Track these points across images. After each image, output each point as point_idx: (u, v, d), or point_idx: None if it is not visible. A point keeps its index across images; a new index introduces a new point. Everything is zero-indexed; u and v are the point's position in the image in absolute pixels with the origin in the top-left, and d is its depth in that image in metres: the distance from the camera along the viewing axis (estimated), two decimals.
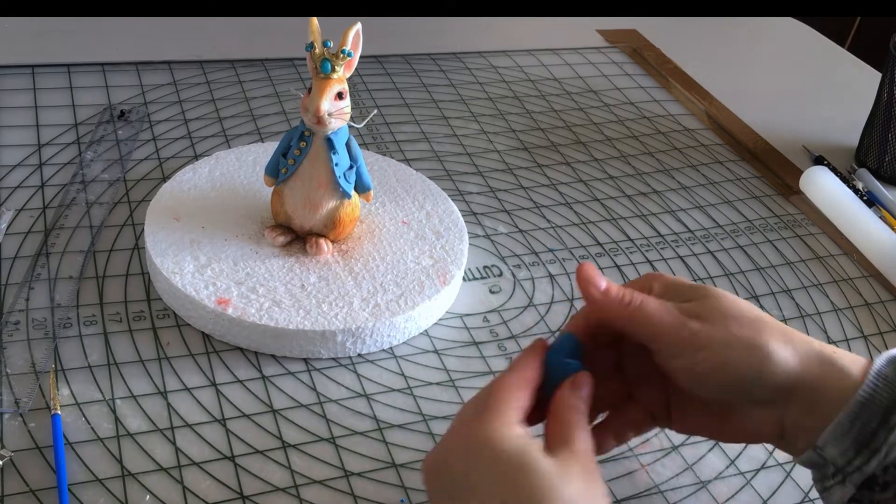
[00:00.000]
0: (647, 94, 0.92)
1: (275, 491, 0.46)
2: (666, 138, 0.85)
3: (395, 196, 0.65)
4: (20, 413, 0.48)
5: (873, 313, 0.67)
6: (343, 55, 0.53)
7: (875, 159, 0.84)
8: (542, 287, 0.64)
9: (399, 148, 0.76)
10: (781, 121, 0.91)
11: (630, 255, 0.68)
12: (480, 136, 0.80)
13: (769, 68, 1.04)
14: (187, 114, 0.75)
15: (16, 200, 0.63)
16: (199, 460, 0.47)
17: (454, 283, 0.59)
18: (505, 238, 0.68)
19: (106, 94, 0.76)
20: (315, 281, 0.56)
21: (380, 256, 0.59)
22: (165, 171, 0.68)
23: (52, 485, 0.45)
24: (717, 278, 0.67)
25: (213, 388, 0.52)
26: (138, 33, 0.86)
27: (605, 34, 1.03)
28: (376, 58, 0.89)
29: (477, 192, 0.72)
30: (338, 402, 0.52)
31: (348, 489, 0.47)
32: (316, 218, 0.57)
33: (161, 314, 0.56)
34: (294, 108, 0.78)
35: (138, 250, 0.60)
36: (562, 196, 0.74)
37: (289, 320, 0.53)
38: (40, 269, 0.57)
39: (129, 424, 0.48)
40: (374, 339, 0.55)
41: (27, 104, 0.73)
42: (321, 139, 0.55)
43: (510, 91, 0.88)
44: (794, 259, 0.71)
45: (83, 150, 0.69)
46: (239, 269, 0.56)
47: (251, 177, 0.64)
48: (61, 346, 0.52)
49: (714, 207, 0.76)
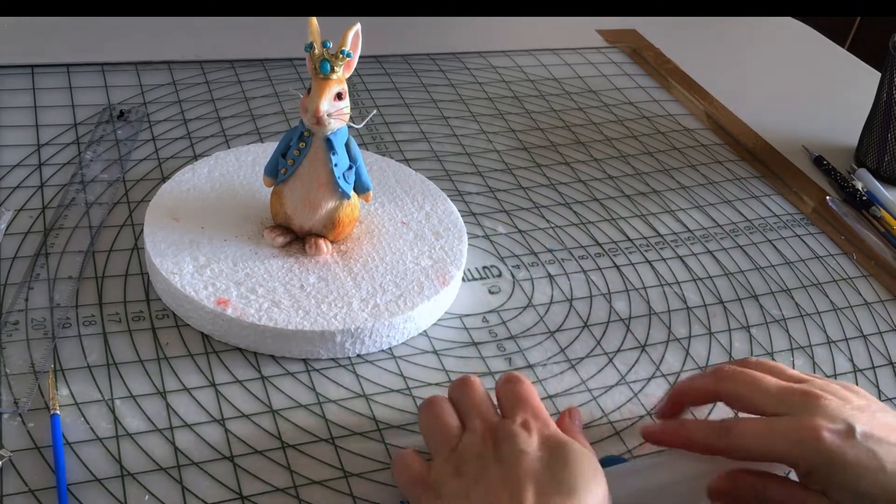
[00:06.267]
0: (646, 94, 0.92)
1: (274, 491, 0.46)
2: (665, 138, 0.85)
3: (395, 196, 0.65)
4: (19, 413, 0.48)
5: (873, 313, 0.67)
6: (342, 56, 0.53)
7: (874, 159, 0.84)
8: (541, 287, 0.64)
9: (398, 148, 0.76)
10: (781, 121, 0.91)
11: (629, 256, 0.68)
12: (480, 136, 0.80)
13: (769, 68, 1.04)
14: (187, 114, 0.75)
15: (15, 200, 0.63)
16: (198, 460, 0.47)
17: (453, 284, 0.59)
18: (504, 238, 0.68)
19: (105, 94, 0.76)
20: (314, 281, 0.56)
21: (379, 257, 0.59)
22: (165, 172, 0.68)
23: (51, 485, 0.45)
24: (716, 278, 0.67)
25: (212, 388, 0.52)
26: (137, 33, 0.86)
27: (605, 34, 1.03)
28: (376, 58, 0.89)
29: (476, 192, 0.72)
30: (337, 402, 0.52)
31: (347, 490, 0.47)
32: (315, 218, 0.57)
33: (160, 314, 0.56)
34: (293, 108, 0.78)
35: (137, 251, 0.60)
36: (561, 196, 0.74)
37: (288, 321, 0.53)
38: (39, 269, 0.57)
39: (128, 424, 0.48)
40: (373, 339, 0.55)
41: (27, 104, 0.73)
42: (320, 140, 0.55)
43: (510, 91, 0.88)
44: (794, 259, 0.71)
45: (82, 151, 0.69)
46: (238, 269, 0.56)
47: (250, 177, 0.64)
48: (60, 347, 0.52)
49: (714, 207, 0.76)
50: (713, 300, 0.65)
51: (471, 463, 0.43)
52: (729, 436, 0.45)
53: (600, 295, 0.64)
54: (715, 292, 0.66)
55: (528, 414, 0.46)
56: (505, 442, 0.44)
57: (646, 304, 0.64)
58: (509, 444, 0.43)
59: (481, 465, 0.43)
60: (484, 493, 0.41)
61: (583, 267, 0.66)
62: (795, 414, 0.45)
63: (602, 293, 0.64)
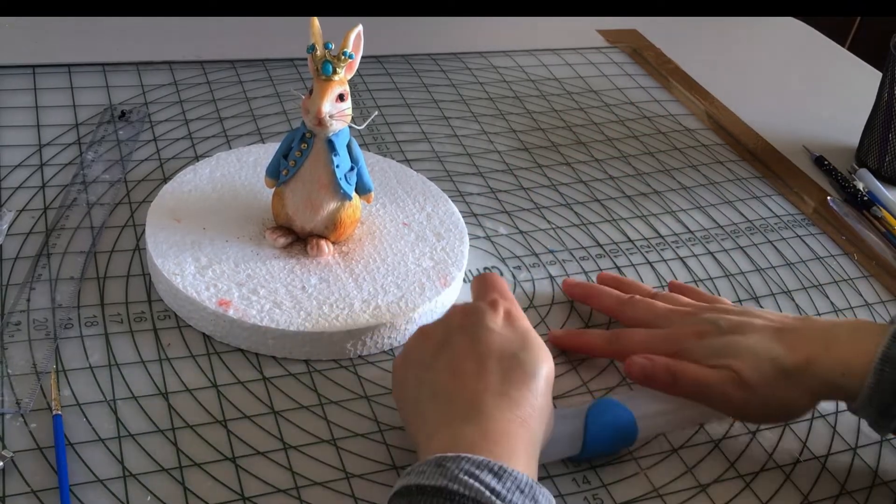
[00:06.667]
0: (647, 94, 0.92)
1: (276, 492, 0.46)
2: (666, 138, 0.85)
3: (396, 197, 0.65)
4: (21, 413, 0.48)
5: (873, 313, 0.67)
6: (344, 57, 0.53)
7: (875, 159, 0.84)
8: (542, 288, 0.64)
9: (399, 148, 0.76)
10: (781, 121, 0.91)
11: (630, 256, 0.68)
12: (481, 136, 0.80)
13: (769, 68, 1.04)
14: (188, 114, 0.76)
15: (17, 201, 0.63)
16: (200, 461, 0.47)
17: (455, 285, 0.59)
18: (505, 239, 0.68)
19: (107, 94, 0.76)
20: (316, 282, 0.56)
21: (380, 258, 0.59)
22: (166, 172, 0.68)
23: (53, 485, 0.45)
24: (717, 279, 0.67)
25: (213, 389, 0.52)
26: (139, 33, 0.86)
27: (606, 34, 1.03)
28: (377, 58, 0.89)
29: (477, 192, 0.72)
30: (338, 403, 0.52)
31: (349, 491, 0.47)
32: (317, 219, 0.57)
33: (162, 315, 0.56)
34: (295, 108, 0.78)
35: (139, 251, 0.60)
36: (562, 197, 0.74)
37: (290, 322, 0.53)
38: (41, 269, 0.57)
39: (130, 425, 0.49)
40: (374, 340, 0.55)
41: (28, 104, 0.73)
42: (322, 141, 0.55)
43: (510, 91, 0.88)
44: (794, 259, 0.71)
45: (84, 151, 0.69)
46: (240, 270, 0.56)
47: (252, 178, 0.64)
48: (62, 347, 0.52)
49: (714, 207, 0.76)
50: None
51: (437, 331, 0.48)
52: (619, 341, 0.55)
53: None
54: (716, 293, 0.66)
55: (497, 294, 0.51)
56: (472, 315, 0.48)
57: None
58: (476, 317, 0.48)
59: (446, 333, 0.47)
60: (448, 359, 0.46)
61: (584, 268, 0.66)
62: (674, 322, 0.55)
63: None
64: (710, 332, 0.53)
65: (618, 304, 0.59)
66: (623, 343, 0.55)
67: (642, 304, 0.57)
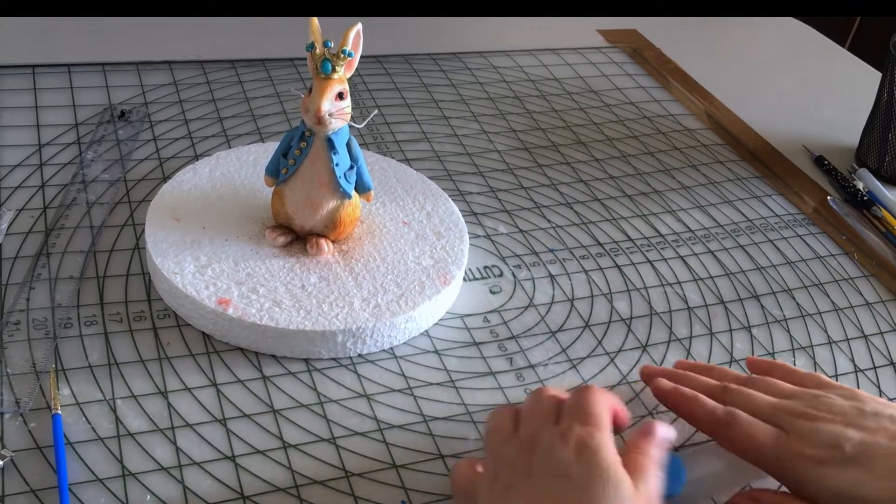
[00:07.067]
0: (647, 94, 0.92)
1: (275, 491, 0.46)
2: (666, 138, 0.85)
3: (396, 196, 0.65)
4: (20, 413, 0.48)
5: (874, 313, 0.67)
6: (344, 55, 0.53)
7: (875, 159, 0.84)
8: (542, 287, 0.64)
9: (399, 148, 0.76)
10: (781, 121, 0.91)
11: (630, 255, 0.68)
12: (481, 135, 0.80)
13: (769, 68, 1.04)
14: (188, 114, 0.75)
15: (16, 200, 0.63)
16: (199, 460, 0.47)
17: (455, 284, 0.59)
18: (505, 238, 0.68)
19: (106, 94, 0.76)
20: (315, 281, 0.56)
21: (380, 257, 0.59)
22: (166, 172, 0.68)
23: (52, 485, 0.45)
24: (717, 278, 0.67)
25: (213, 388, 0.52)
26: (138, 33, 0.86)
27: (606, 34, 1.03)
28: (377, 58, 0.89)
29: (477, 192, 0.72)
30: (338, 402, 0.52)
31: (349, 489, 0.47)
32: (316, 218, 0.57)
33: (161, 314, 0.56)
34: (294, 108, 0.78)
35: (139, 250, 0.60)
36: (562, 196, 0.74)
37: (289, 321, 0.53)
38: (41, 269, 0.57)
39: (129, 424, 0.48)
40: (374, 339, 0.55)
41: (27, 104, 0.73)
42: (322, 139, 0.55)
43: (510, 91, 0.88)
44: (795, 259, 0.71)
45: (84, 151, 0.69)
46: (239, 269, 0.56)
47: (252, 177, 0.64)
48: (62, 346, 0.52)
49: (714, 207, 0.76)
50: (714, 300, 0.65)
51: (504, 473, 0.43)
52: (728, 428, 0.48)
53: (601, 295, 0.64)
54: (716, 292, 0.66)
55: (577, 419, 0.44)
56: (538, 450, 0.43)
57: (647, 304, 0.64)
58: (542, 454, 0.42)
59: (513, 475, 0.42)
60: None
61: (584, 267, 0.66)
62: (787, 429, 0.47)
63: (603, 293, 0.64)
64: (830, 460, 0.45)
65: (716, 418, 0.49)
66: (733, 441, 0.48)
67: (739, 395, 0.50)
